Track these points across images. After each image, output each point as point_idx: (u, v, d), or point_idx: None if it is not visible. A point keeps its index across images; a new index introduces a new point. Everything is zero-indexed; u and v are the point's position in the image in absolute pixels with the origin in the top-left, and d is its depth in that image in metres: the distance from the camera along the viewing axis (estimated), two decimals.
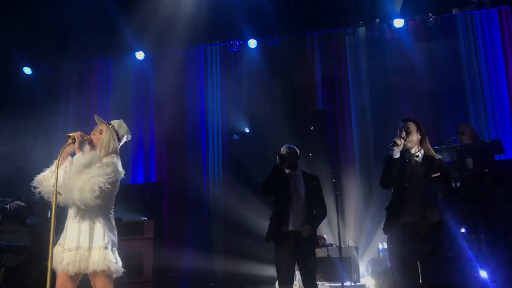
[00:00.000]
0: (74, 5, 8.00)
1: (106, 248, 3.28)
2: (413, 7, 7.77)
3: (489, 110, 7.39)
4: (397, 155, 3.91)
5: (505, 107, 7.39)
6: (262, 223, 7.08)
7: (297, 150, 4.85)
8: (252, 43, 8.45)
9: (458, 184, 5.37)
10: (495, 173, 5.75)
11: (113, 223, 3.43)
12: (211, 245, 7.98)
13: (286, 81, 8.34)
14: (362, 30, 8.12)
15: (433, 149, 4.14)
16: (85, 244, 3.25)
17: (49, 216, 6.39)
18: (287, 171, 4.75)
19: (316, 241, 4.80)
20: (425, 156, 3.95)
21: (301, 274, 4.63)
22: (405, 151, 3.97)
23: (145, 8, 7.83)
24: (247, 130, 8.40)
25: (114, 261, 3.29)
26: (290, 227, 4.57)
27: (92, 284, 3.31)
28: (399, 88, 7.94)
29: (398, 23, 7.81)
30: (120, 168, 3.42)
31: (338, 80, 8.21)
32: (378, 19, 7.96)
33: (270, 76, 8.39)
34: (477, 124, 7.19)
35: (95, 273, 3.23)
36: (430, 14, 7.70)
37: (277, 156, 4.68)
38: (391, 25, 7.91)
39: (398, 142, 3.90)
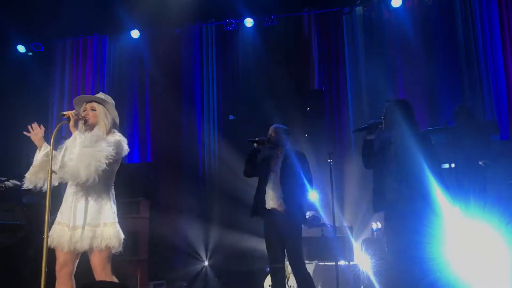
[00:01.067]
0: None
1: (117, 224, 3.33)
2: None
3: (485, 91, 7.37)
4: (371, 137, 4.01)
5: (501, 89, 7.36)
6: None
7: (282, 129, 4.86)
8: (249, 22, 8.36)
9: (453, 165, 5.39)
10: (491, 155, 5.77)
11: (114, 199, 3.45)
12: (207, 224, 8.01)
13: (282, 61, 8.27)
14: (359, 9, 8.03)
15: (428, 129, 4.17)
16: (96, 221, 3.25)
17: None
18: (278, 151, 4.80)
19: (299, 218, 4.74)
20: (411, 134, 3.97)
21: (286, 253, 4.67)
22: (386, 132, 4.03)
23: None
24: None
25: (122, 237, 3.33)
26: (270, 205, 4.65)
27: (93, 260, 3.29)
28: (396, 68, 7.90)
29: (396, 2, 7.72)
30: (125, 146, 3.41)
31: (335, 60, 8.16)
32: None
33: (266, 55, 8.31)
34: (472, 105, 7.18)
35: (101, 249, 3.22)
36: None
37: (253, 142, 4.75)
38: (388, 5, 7.82)
39: (371, 123, 4.01)
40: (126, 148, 3.41)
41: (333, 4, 8.15)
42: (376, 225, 6.69)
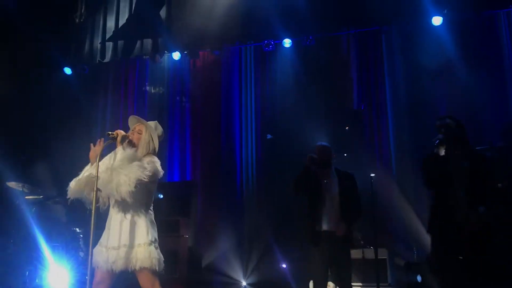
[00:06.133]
0: (113, 8, 8.21)
1: (150, 244, 3.35)
2: (453, 4, 7.54)
3: None
4: (442, 152, 3.86)
5: None
6: (294, 223, 7.07)
7: (329, 148, 4.80)
8: (287, 42, 8.42)
9: (499, 185, 5.21)
10: None
11: (153, 220, 3.50)
12: (246, 242, 8.00)
13: (321, 81, 8.26)
14: (399, 28, 7.97)
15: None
16: (129, 241, 3.31)
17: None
18: (314, 169, 4.72)
19: (351, 241, 4.72)
20: (468, 152, 3.85)
21: (336, 276, 4.57)
22: (448, 149, 3.89)
23: (181, 9, 7.93)
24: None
25: (158, 257, 3.36)
26: (324, 227, 4.52)
27: (139, 280, 3.37)
28: (437, 86, 7.74)
29: (437, 20, 7.62)
30: (159, 167, 3.48)
31: (374, 79, 8.09)
32: (415, 17, 7.78)
33: (305, 75, 8.33)
34: None
35: (140, 269, 3.29)
36: (470, 11, 7.48)
37: (309, 157, 4.67)
38: (429, 23, 7.71)
39: (442, 138, 3.86)
40: (160, 170, 3.49)
41: (372, 24, 8.11)
42: (417, 247, 6.53)
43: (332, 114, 7.99)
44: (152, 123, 3.67)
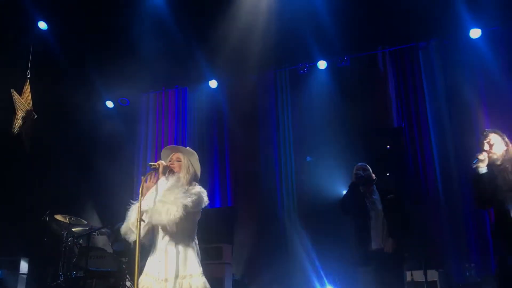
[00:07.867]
0: (151, 39, 8.45)
1: (202, 275, 3.33)
2: (490, 15, 7.36)
3: None
4: (483, 170, 3.71)
5: None
6: (338, 244, 6.94)
7: (368, 167, 4.78)
8: (322, 64, 8.42)
9: None
10: None
11: (198, 250, 3.48)
12: (289, 267, 7.90)
13: (358, 100, 8.18)
14: (435, 43, 7.83)
15: None
16: (180, 272, 3.28)
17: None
18: (361, 189, 4.68)
19: (402, 259, 4.54)
20: None
21: None
22: (492, 165, 3.74)
23: (217, 38, 8.08)
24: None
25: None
26: (373, 246, 4.44)
27: None
28: (479, 99, 7.52)
29: (475, 33, 7.44)
30: (205, 197, 3.45)
31: (414, 96, 7.94)
32: (452, 31, 7.64)
33: (341, 95, 8.27)
34: None
35: None
36: (508, 22, 7.29)
37: (356, 174, 4.65)
38: (467, 36, 7.55)
39: (481, 157, 3.71)
40: (206, 200, 3.46)
41: (407, 40, 8.01)
42: (469, 268, 6.28)
43: (371, 134, 7.87)
44: (187, 148, 3.65)
